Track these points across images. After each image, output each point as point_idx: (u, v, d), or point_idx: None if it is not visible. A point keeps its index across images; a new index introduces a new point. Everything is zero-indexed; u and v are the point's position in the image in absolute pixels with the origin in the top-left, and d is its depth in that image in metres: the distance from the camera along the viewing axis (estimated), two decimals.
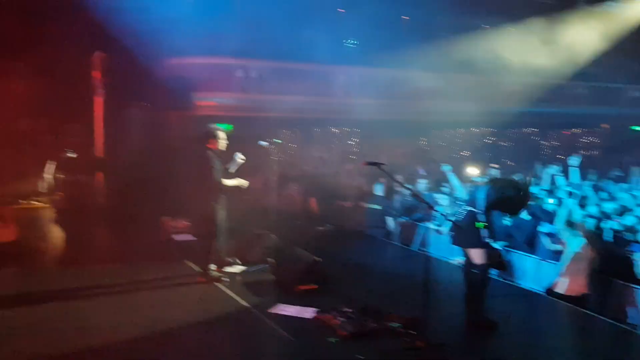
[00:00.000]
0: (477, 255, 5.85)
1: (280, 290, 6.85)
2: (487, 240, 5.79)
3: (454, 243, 6.15)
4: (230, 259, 7.72)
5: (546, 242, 7.82)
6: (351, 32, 15.48)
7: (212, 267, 7.21)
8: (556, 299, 6.85)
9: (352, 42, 15.30)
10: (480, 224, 5.72)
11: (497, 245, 5.82)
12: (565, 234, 7.05)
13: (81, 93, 11.34)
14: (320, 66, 13.87)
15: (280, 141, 7.77)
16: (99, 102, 11.64)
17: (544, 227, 8.06)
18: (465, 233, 5.91)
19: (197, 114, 12.27)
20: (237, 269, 7.65)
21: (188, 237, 9.53)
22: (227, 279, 7.19)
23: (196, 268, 7.50)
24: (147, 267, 7.64)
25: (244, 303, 6.41)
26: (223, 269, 7.37)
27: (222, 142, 7.29)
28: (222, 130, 7.35)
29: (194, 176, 7.48)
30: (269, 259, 7.70)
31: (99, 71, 11.48)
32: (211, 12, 11.87)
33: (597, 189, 10.48)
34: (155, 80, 11.54)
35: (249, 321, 5.93)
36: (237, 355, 5.11)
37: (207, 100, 12.12)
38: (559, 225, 7.09)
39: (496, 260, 5.93)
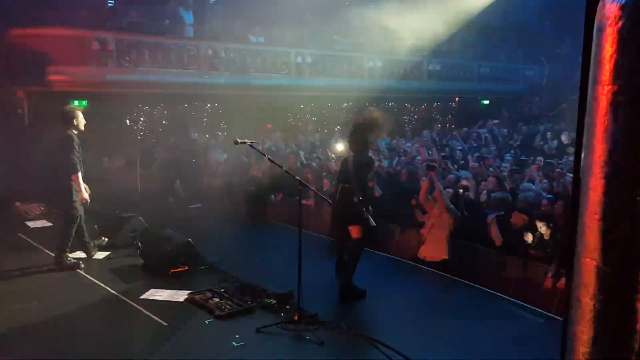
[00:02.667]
0: (355, 231, 6.07)
1: (151, 274, 6.61)
2: (365, 214, 6.00)
3: (332, 219, 6.29)
4: (93, 244, 7.30)
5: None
6: (214, 5, 15.13)
7: (69, 254, 6.83)
8: (420, 265, 7.34)
9: (216, 16, 14.94)
10: (354, 198, 5.93)
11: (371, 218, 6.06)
12: (426, 204, 7.54)
13: None
14: (182, 40, 13.40)
15: (142, 119, 7.40)
16: None
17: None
18: (342, 209, 6.06)
19: (49, 89, 11.29)
20: (102, 254, 7.26)
21: (44, 222, 8.86)
22: (83, 265, 6.80)
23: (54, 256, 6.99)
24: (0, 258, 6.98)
25: (112, 290, 6.10)
26: (87, 255, 6.97)
27: (82, 122, 6.87)
28: (80, 109, 6.92)
29: (51, 158, 6.93)
30: (137, 243, 7.38)
31: None
32: None
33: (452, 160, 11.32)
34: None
35: (118, 309, 5.66)
36: (106, 345, 4.85)
37: (60, 75, 11.18)
38: (420, 196, 7.56)
39: (367, 233, 6.20)
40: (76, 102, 12.05)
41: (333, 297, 6.09)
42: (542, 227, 6.38)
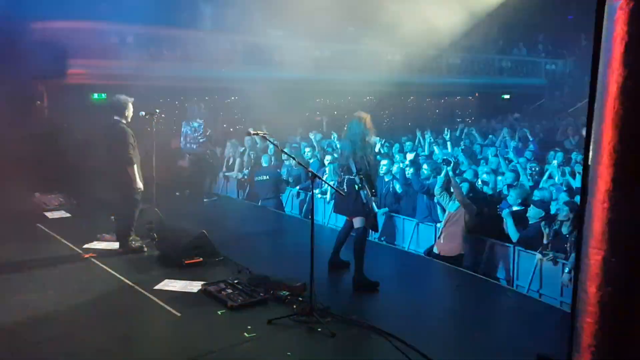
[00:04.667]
0: (358, 222, 6.09)
1: (165, 265, 6.64)
2: (369, 202, 6.01)
3: (336, 211, 6.30)
4: (110, 235, 7.40)
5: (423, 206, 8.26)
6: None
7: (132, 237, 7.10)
8: (434, 259, 7.28)
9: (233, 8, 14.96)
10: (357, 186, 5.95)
11: (378, 209, 6.07)
12: (442, 199, 7.47)
13: None
14: (200, 33, 13.45)
15: (158, 111, 7.44)
16: None
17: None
18: (347, 201, 6.09)
19: (69, 82, 11.44)
20: (117, 244, 7.32)
21: (62, 213, 8.97)
22: (146, 249, 7.08)
23: (72, 246, 7.08)
24: (18, 248, 7.07)
25: (126, 280, 6.15)
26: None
27: (131, 113, 7.03)
28: (131, 100, 7.06)
29: (95, 150, 7.21)
30: (152, 234, 7.43)
31: None
32: None
33: (470, 153, 11.21)
34: (21, 46, 10.57)
35: (132, 299, 5.70)
36: (120, 335, 4.89)
37: (80, 68, 11.31)
38: (436, 191, 7.49)
39: (371, 222, 6.23)
40: (95, 95, 12.21)
41: (346, 290, 6.06)
42: (559, 222, 6.29)
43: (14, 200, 8.73)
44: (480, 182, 8.46)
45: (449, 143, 11.55)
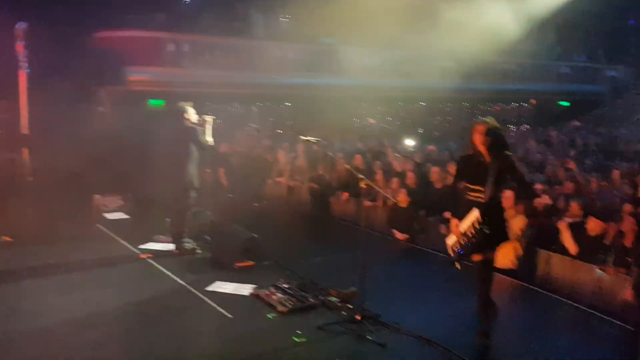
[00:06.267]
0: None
1: (217, 267, 6.76)
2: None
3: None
4: (165, 237, 7.59)
5: None
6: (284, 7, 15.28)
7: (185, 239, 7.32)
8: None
9: (286, 17, 15.15)
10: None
11: None
12: None
13: (4, 67, 10.65)
14: (252, 41, 13.68)
15: (213, 116, 7.62)
16: (23, 77, 10.99)
17: None
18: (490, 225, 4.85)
19: (128, 89, 11.84)
20: (172, 246, 7.50)
21: (121, 215, 9.27)
22: (199, 251, 7.27)
23: (129, 246, 7.33)
24: (78, 247, 7.34)
25: (180, 281, 6.30)
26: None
27: (193, 117, 7.31)
28: (190, 104, 7.36)
29: (163, 152, 7.42)
30: (205, 236, 7.58)
31: (22, 44, 10.82)
32: None
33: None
34: (84, 53, 11.03)
35: (185, 299, 5.83)
36: (173, 334, 5.00)
37: (139, 75, 11.70)
38: None
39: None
40: (153, 102, 12.60)
41: (397, 298, 5.99)
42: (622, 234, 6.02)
43: (75, 201, 9.08)
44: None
45: None
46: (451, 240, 5.07)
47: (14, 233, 7.69)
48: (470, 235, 4.85)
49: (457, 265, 5.04)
